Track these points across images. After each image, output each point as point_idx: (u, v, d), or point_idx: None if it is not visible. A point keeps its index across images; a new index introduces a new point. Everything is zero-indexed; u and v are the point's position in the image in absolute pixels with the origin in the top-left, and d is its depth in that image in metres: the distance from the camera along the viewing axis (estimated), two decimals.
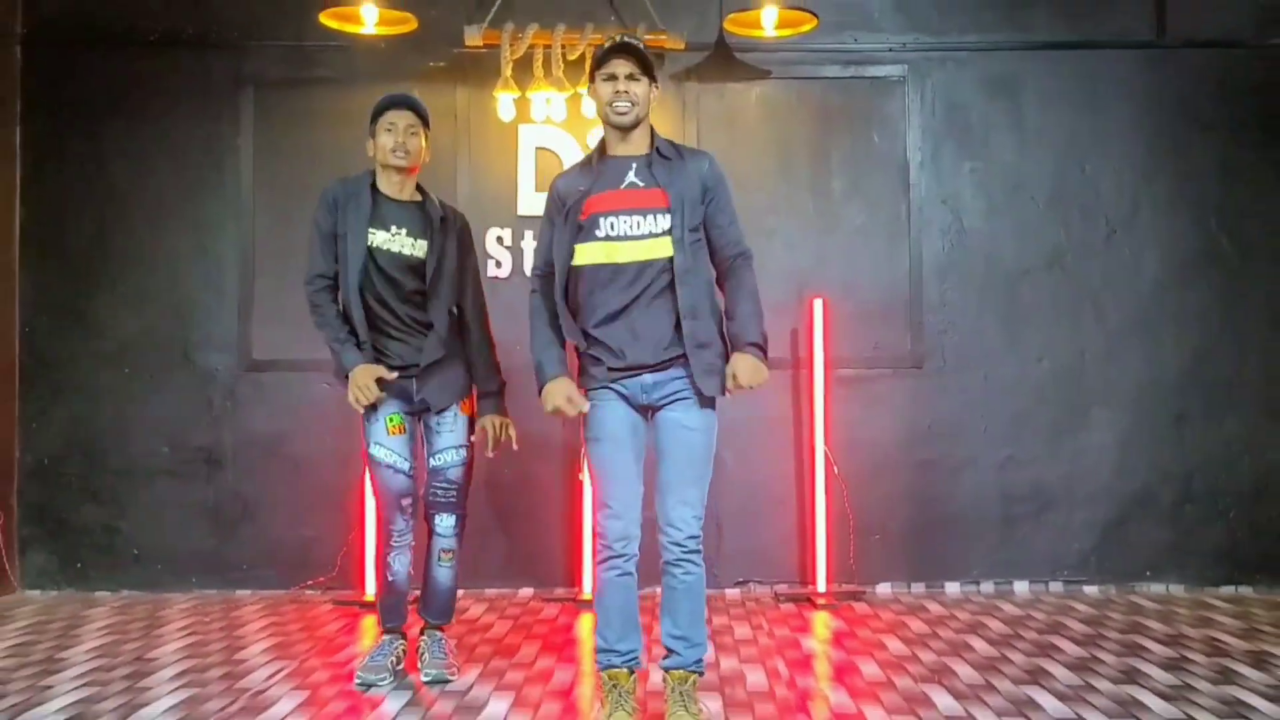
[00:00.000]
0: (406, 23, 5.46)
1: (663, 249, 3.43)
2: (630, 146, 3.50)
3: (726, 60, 5.56)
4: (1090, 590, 5.69)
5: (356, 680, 4.05)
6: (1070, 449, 5.76)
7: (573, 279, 3.51)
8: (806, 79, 5.86)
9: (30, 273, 5.84)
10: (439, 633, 4.27)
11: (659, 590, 3.56)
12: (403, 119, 4.04)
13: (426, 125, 4.12)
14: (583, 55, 5.46)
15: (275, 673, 4.24)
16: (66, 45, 5.85)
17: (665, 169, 3.47)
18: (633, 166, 3.48)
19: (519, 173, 5.79)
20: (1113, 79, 5.83)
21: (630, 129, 3.47)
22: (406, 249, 4.03)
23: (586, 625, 5.00)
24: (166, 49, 5.84)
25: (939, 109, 5.86)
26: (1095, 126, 5.83)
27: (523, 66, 5.53)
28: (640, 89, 3.43)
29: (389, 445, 4.06)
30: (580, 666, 4.32)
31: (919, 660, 4.39)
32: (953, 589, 5.72)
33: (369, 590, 5.41)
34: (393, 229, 4.03)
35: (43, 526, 5.82)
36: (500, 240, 5.75)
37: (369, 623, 5.05)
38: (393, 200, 4.08)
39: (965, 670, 4.23)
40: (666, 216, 3.43)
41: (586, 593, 5.40)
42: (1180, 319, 5.79)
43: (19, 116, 5.84)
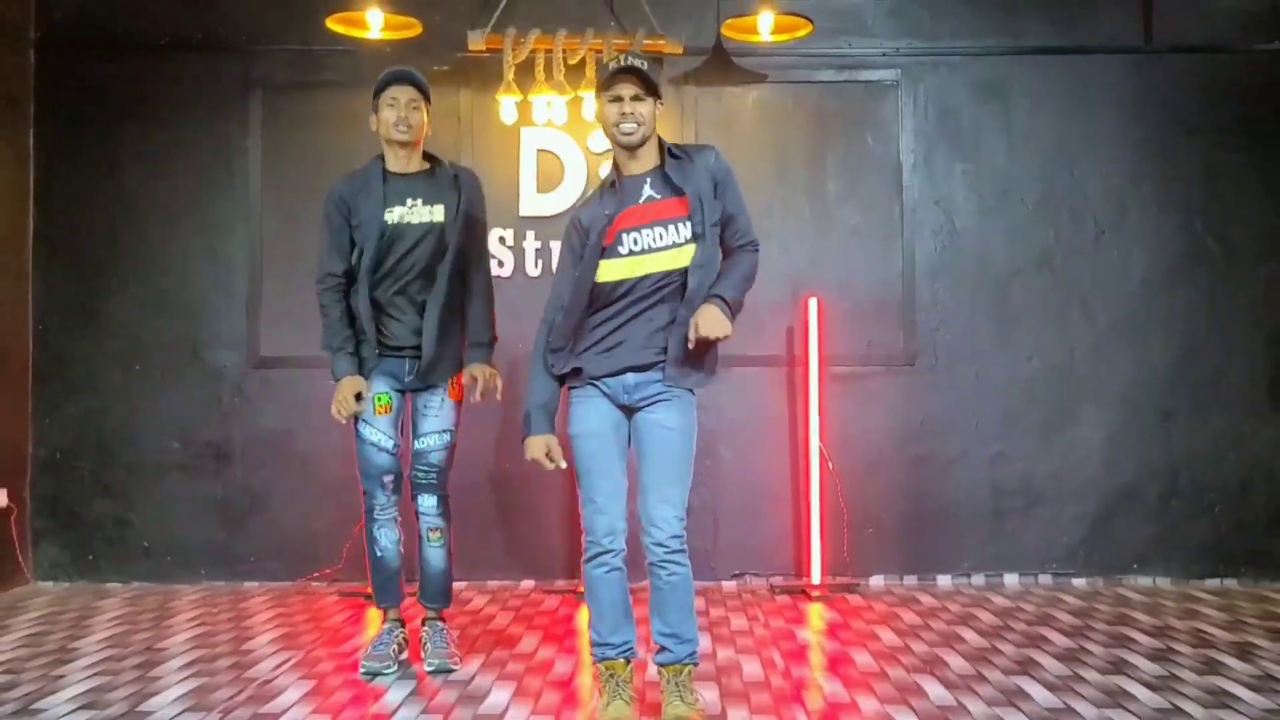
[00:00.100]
0: (411, 28, 5.48)
1: (686, 258, 3.45)
2: (641, 163, 3.51)
3: (724, 64, 5.53)
4: (1079, 583, 5.70)
5: (361, 669, 4.08)
6: (1060, 445, 5.79)
7: (595, 294, 3.49)
8: (802, 83, 5.88)
9: (43, 273, 5.87)
10: (441, 623, 4.29)
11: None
12: (404, 94, 4.07)
13: (428, 99, 4.15)
14: (583, 60, 5.50)
15: (282, 663, 4.27)
16: (78, 49, 5.86)
17: (679, 170, 3.48)
18: (648, 181, 3.50)
19: (521, 174, 5.81)
20: (1101, 83, 5.85)
21: (638, 147, 3.49)
22: (425, 217, 4.09)
23: (586, 617, 4.91)
24: (176, 52, 5.86)
25: (931, 113, 5.88)
26: (1084, 130, 5.85)
27: (524, 70, 5.55)
28: (645, 109, 3.44)
29: (375, 424, 4.11)
30: (580, 657, 4.34)
31: (911, 651, 4.41)
32: (944, 581, 5.74)
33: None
34: (409, 202, 4.09)
35: (55, 520, 5.84)
36: (502, 240, 5.76)
37: (374, 614, 5.03)
38: (402, 175, 4.13)
39: (956, 661, 4.25)
40: (688, 225, 3.45)
41: None
42: (1167, 319, 5.82)
43: (32, 119, 5.86)
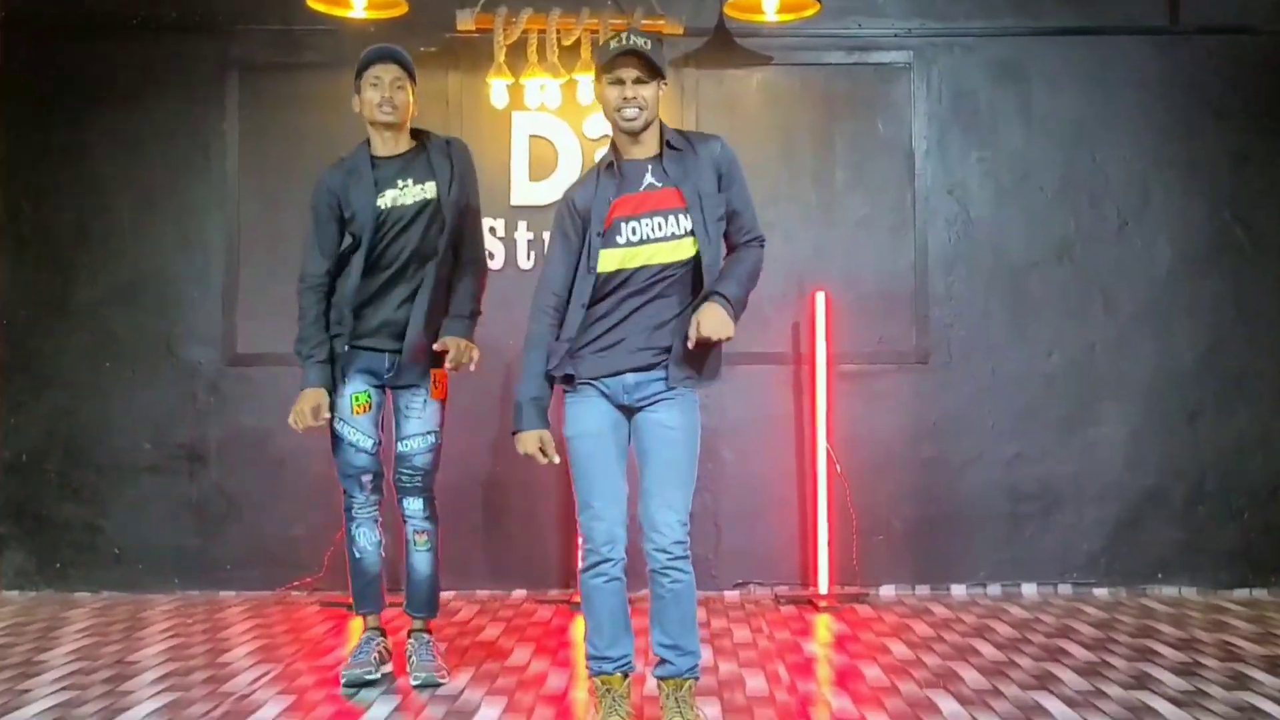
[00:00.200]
0: (396, 6, 5.42)
1: (686, 251, 3.43)
2: (643, 148, 3.49)
3: (726, 46, 5.55)
4: (1100, 592, 5.69)
5: (343, 680, 4.06)
6: (1080, 446, 5.77)
7: (597, 284, 3.45)
8: (809, 65, 5.86)
9: (9, 263, 5.85)
10: (427, 634, 4.27)
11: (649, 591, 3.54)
12: (388, 73, 4.05)
13: (413, 78, 4.12)
14: (578, 41, 5.47)
15: (260, 676, 4.24)
16: (47, 30, 5.83)
17: (677, 163, 3.46)
18: (649, 168, 3.47)
19: (512, 161, 5.78)
20: (1123, 65, 5.83)
21: (640, 133, 3.46)
22: (418, 195, 4.07)
23: (581, 628, 4.90)
24: (149, 33, 5.84)
25: (945, 96, 5.85)
26: (1105, 114, 5.82)
27: (516, 52, 5.51)
28: (649, 92, 3.40)
29: (353, 423, 4.11)
30: (574, 670, 4.32)
31: (924, 665, 4.39)
32: (958, 591, 5.72)
33: None
34: (399, 184, 4.07)
35: (21, 525, 5.82)
36: (493, 231, 5.71)
37: (357, 624, 5.01)
38: (390, 158, 4.11)
39: (971, 675, 4.23)
40: (687, 217, 3.42)
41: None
42: (1193, 311, 5.79)
43: None
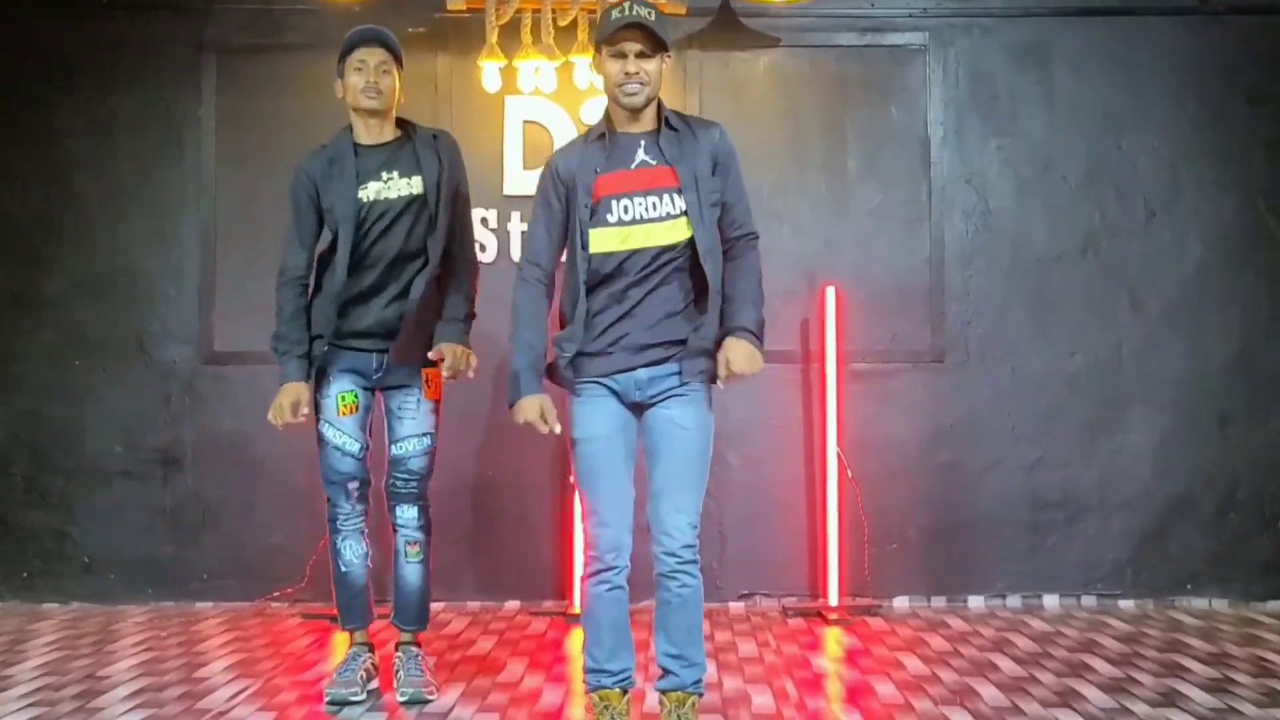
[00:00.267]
0: None
1: (681, 232, 3.43)
2: (639, 124, 3.49)
3: (732, 27, 5.59)
4: (1126, 605, 5.70)
5: (327, 698, 4.07)
6: (1105, 451, 5.77)
7: (591, 267, 3.46)
8: (819, 47, 5.87)
9: None
10: (415, 648, 4.28)
11: (653, 603, 3.55)
12: (374, 56, 4.04)
13: (400, 62, 4.12)
14: (574, 20, 5.45)
15: (239, 692, 4.25)
16: (10, 8, 5.80)
17: (674, 143, 3.48)
18: (642, 144, 3.48)
19: (505, 149, 5.77)
20: (1152, 47, 5.84)
21: (642, 109, 3.46)
22: (403, 190, 4.06)
23: (577, 641, 5.02)
24: (121, 13, 5.84)
25: (963, 80, 5.86)
26: (1133, 99, 5.83)
27: (509, 33, 5.49)
28: (652, 66, 3.41)
29: (338, 425, 4.11)
30: (570, 685, 4.33)
31: (939, 680, 4.40)
32: (976, 603, 5.72)
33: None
34: (383, 175, 4.06)
35: None
36: (485, 222, 5.72)
37: (340, 638, 5.03)
38: (374, 147, 4.09)
39: (989, 691, 4.24)
40: (681, 197, 3.43)
41: (577, 606, 5.38)
42: (1225, 309, 5.79)
43: None
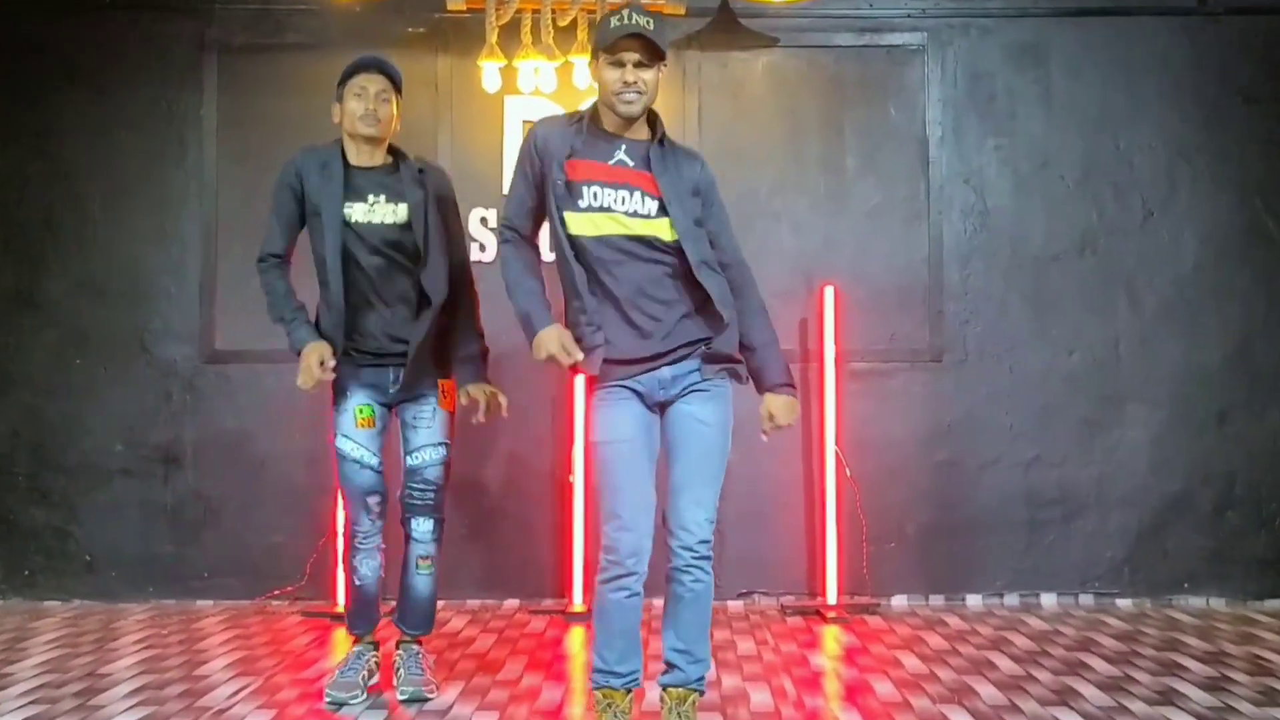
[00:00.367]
0: None
1: (661, 230, 3.41)
2: (628, 130, 3.47)
3: (730, 27, 5.54)
4: (1123, 603, 5.69)
5: (326, 699, 4.04)
6: (1102, 448, 5.76)
7: (577, 252, 3.45)
8: (817, 47, 5.85)
9: None
10: (416, 646, 4.25)
11: (656, 602, 3.55)
12: (373, 83, 4.01)
13: (399, 91, 4.08)
14: (574, 21, 5.44)
15: (239, 690, 4.23)
16: (13, 7, 5.78)
17: (660, 159, 3.45)
18: (624, 146, 3.46)
19: (505, 148, 5.75)
20: (1149, 48, 5.82)
21: (636, 118, 3.45)
22: (388, 217, 4.01)
23: (576, 639, 5.01)
24: (123, 12, 5.83)
25: (961, 80, 5.85)
26: (1130, 99, 5.82)
27: (509, 33, 5.48)
28: (650, 76, 3.38)
29: (356, 438, 4.05)
30: (570, 684, 4.32)
31: (937, 679, 4.38)
32: (974, 601, 5.71)
33: (341, 601, 5.37)
34: (370, 198, 4.01)
35: None
36: (484, 221, 5.72)
37: (341, 635, 5.04)
38: (364, 169, 4.05)
39: (987, 690, 4.22)
40: (655, 201, 3.41)
41: (577, 604, 5.38)
42: (1222, 306, 5.78)
43: None
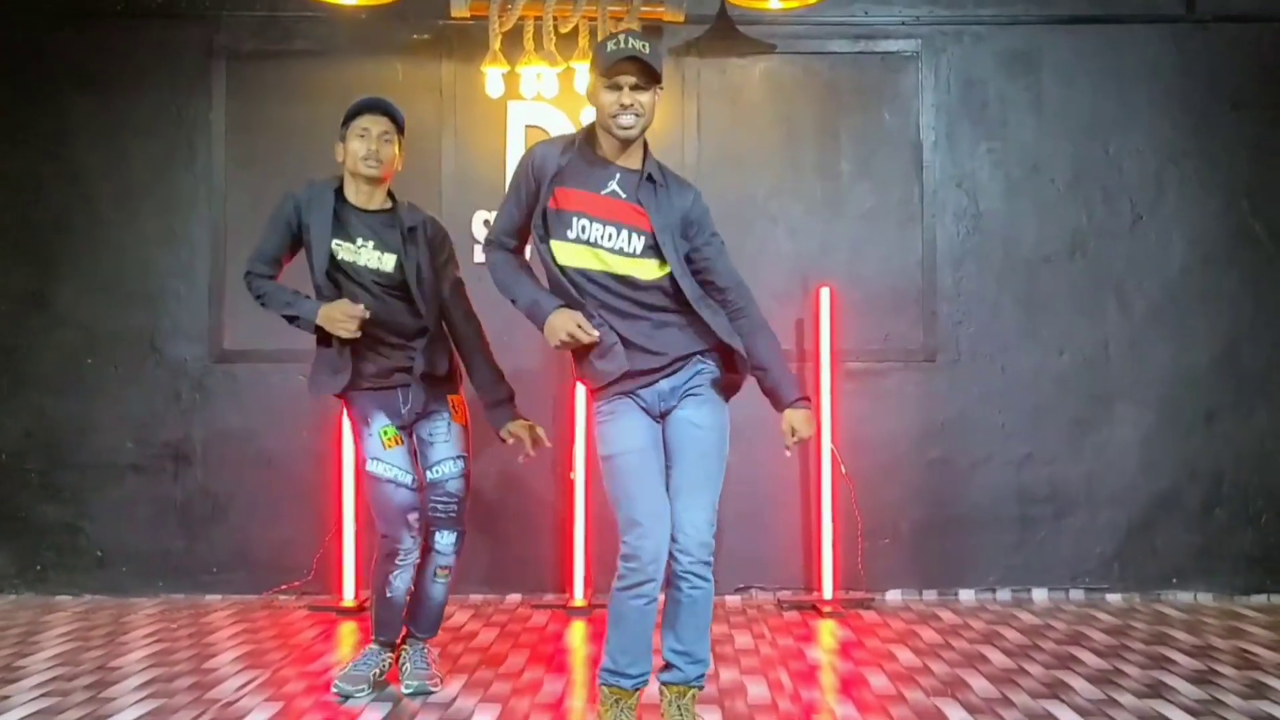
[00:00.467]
0: None
1: (639, 270, 3.40)
2: (623, 157, 3.44)
3: (729, 34, 5.54)
4: (1113, 598, 5.67)
5: (334, 688, 4.04)
6: (1092, 447, 5.74)
7: (566, 276, 3.43)
8: (813, 54, 5.84)
9: None
10: (421, 641, 4.23)
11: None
12: (377, 125, 3.97)
13: (401, 132, 4.05)
14: (576, 28, 5.45)
15: (247, 683, 4.22)
16: (27, 16, 5.79)
17: (651, 194, 3.41)
18: (617, 175, 3.42)
19: (507, 152, 5.74)
20: (1138, 54, 5.80)
21: (633, 141, 3.41)
22: (373, 263, 3.98)
23: (578, 633, 5.00)
24: (133, 19, 5.80)
25: (954, 86, 5.83)
26: (1120, 105, 5.80)
27: (512, 39, 5.49)
28: (646, 99, 3.35)
29: (388, 459, 4.00)
30: (571, 677, 4.30)
31: (931, 672, 4.38)
32: (967, 596, 5.70)
33: (346, 595, 5.40)
34: (359, 241, 3.98)
35: (0, 526, 5.78)
36: (487, 224, 5.63)
37: (346, 629, 5.04)
38: (360, 210, 4.01)
39: (980, 683, 4.21)
40: (642, 238, 3.38)
41: (578, 599, 5.38)
42: (1210, 308, 5.77)
43: None
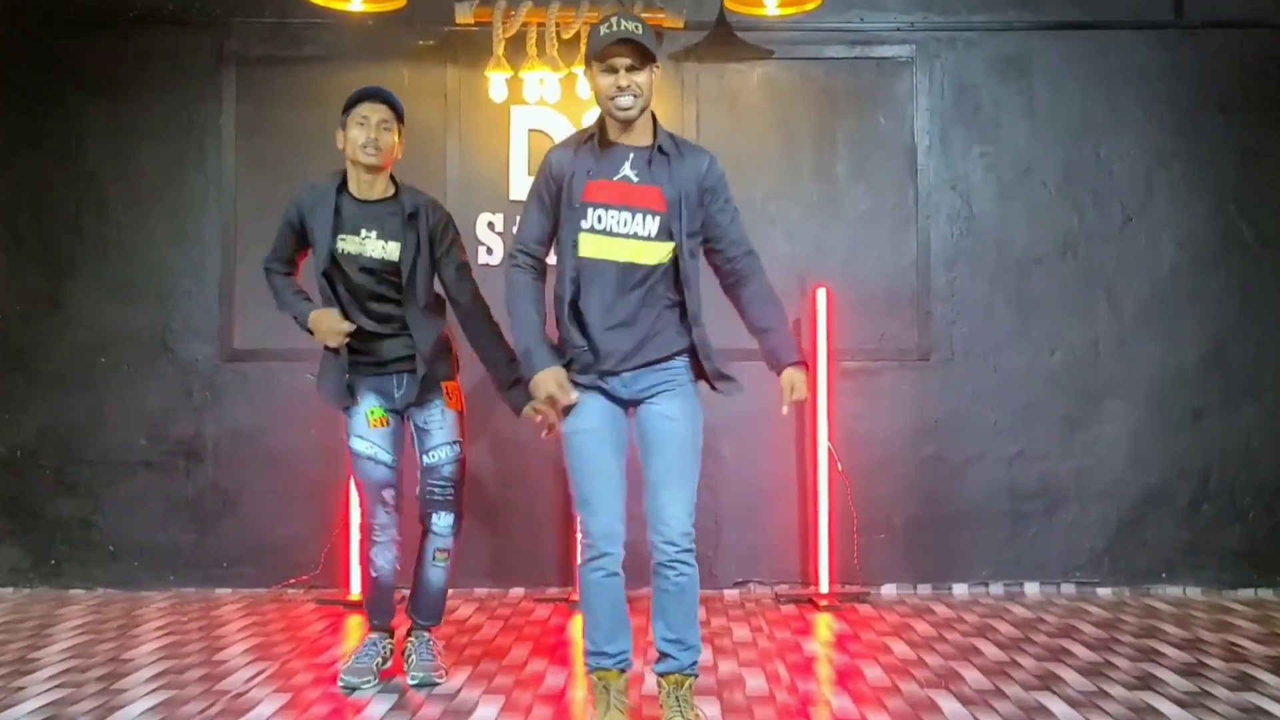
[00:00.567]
0: None
1: (645, 255, 3.36)
2: (631, 135, 3.40)
3: (727, 39, 5.52)
4: (1103, 592, 5.66)
5: (340, 682, 4.04)
6: (1083, 444, 5.73)
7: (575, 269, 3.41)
8: (810, 59, 5.82)
9: (3, 258, 5.81)
10: (426, 633, 4.25)
11: (650, 590, 3.51)
12: (376, 113, 3.96)
13: (401, 120, 4.04)
14: (578, 34, 5.45)
15: (256, 675, 4.23)
16: (43, 23, 5.79)
17: (664, 166, 3.38)
18: (629, 157, 3.39)
19: (511, 156, 5.74)
20: (1128, 60, 5.79)
21: (635, 121, 3.38)
22: (378, 252, 3.97)
23: (579, 626, 4.97)
24: (146, 26, 5.80)
25: (948, 91, 5.81)
26: (1110, 109, 5.78)
27: (515, 45, 5.49)
28: (643, 79, 3.31)
29: (369, 437, 4.05)
30: (573, 669, 4.30)
31: (925, 664, 4.37)
32: (960, 590, 5.69)
33: (354, 589, 5.39)
34: (362, 233, 3.97)
35: (15, 521, 5.79)
36: (491, 226, 5.70)
37: (353, 623, 5.04)
38: (362, 201, 4.01)
39: (973, 675, 4.21)
40: (655, 220, 3.35)
41: (579, 593, 5.35)
42: (1198, 308, 5.75)
43: None
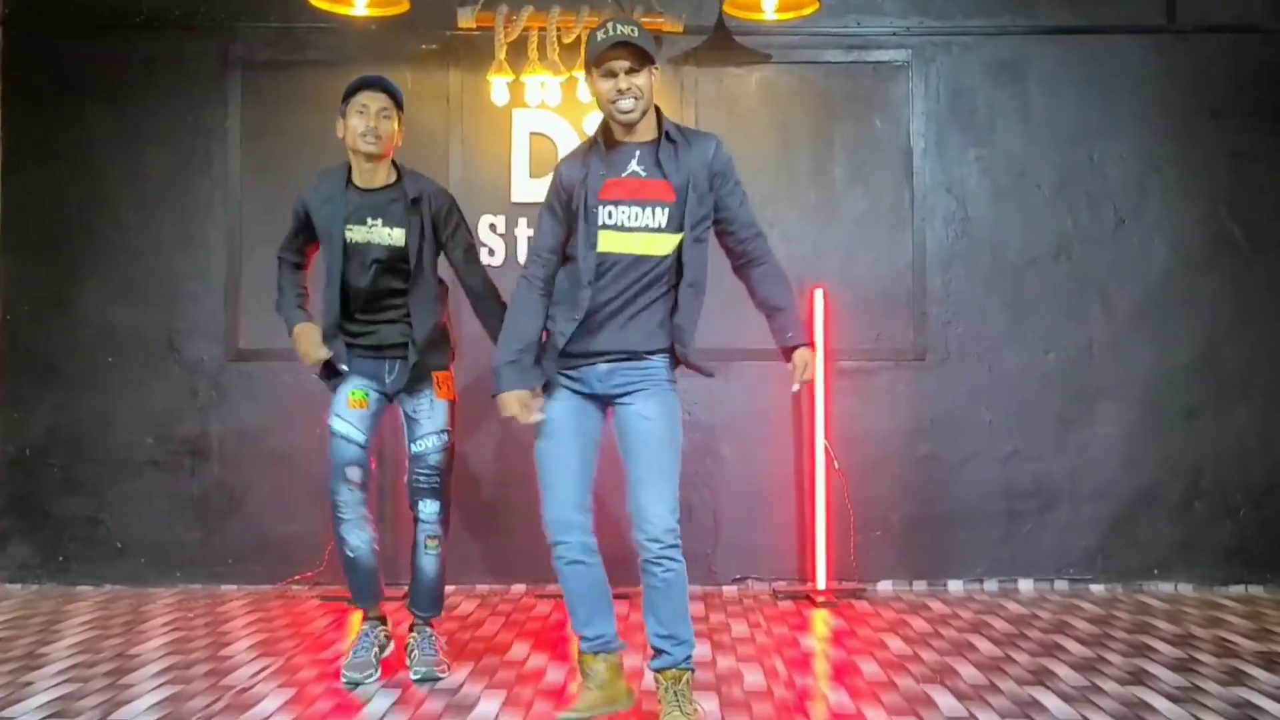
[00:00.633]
0: (398, 4, 5.37)
1: (657, 246, 3.36)
2: (635, 135, 3.39)
3: (726, 44, 5.51)
4: (1096, 589, 5.66)
5: (343, 679, 4.04)
6: (1076, 443, 5.73)
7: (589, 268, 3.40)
8: (808, 63, 5.82)
9: (11, 260, 5.80)
10: (429, 629, 4.25)
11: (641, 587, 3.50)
12: (375, 101, 3.97)
13: (400, 108, 4.05)
14: (578, 38, 5.44)
15: (261, 670, 4.23)
16: (48, 28, 5.79)
17: (672, 157, 3.37)
18: (636, 154, 3.38)
19: (512, 158, 5.74)
20: (1121, 64, 5.79)
21: (638, 123, 3.37)
22: (385, 240, 4.00)
23: None
24: (152, 31, 5.80)
25: (943, 94, 5.81)
26: (1103, 113, 5.78)
27: (517, 49, 5.49)
28: (642, 80, 3.30)
29: (346, 417, 4.07)
30: (573, 664, 4.24)
31: (921, 660, 4.37)
32: (955, 587, 5.69)
33: None
34: (369, 221, 3.99)
35: (23, 519, 5.78)
36: (493, 228, 5.70)
37: (357, 619, 4.95)
38: (365, 190, 4.02)
39: (968, 670, 4.21)
40: (665, 211, 3.35)
41: None
42: (1190, 310, 5.75)
43: None
